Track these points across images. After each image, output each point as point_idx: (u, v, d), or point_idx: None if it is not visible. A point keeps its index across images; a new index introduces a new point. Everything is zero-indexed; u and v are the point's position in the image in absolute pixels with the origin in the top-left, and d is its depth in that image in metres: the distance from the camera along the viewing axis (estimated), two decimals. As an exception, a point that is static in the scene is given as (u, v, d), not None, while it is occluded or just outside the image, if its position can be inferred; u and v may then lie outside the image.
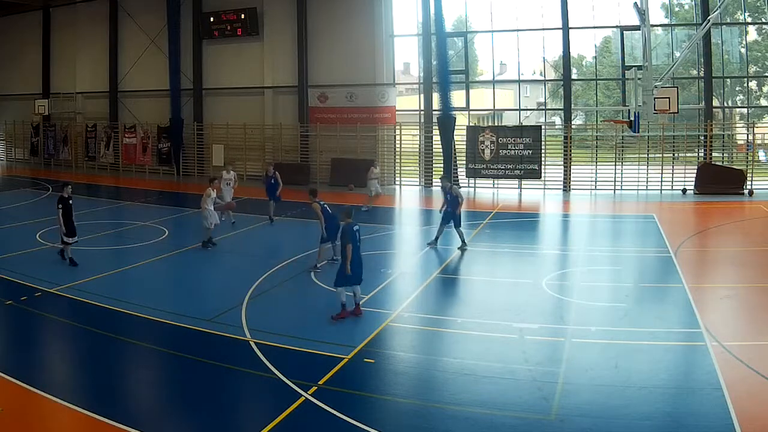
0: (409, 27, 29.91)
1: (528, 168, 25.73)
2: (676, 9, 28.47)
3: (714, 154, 25.21)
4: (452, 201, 15.45)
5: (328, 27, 28.51)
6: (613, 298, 11.62)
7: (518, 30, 27.16)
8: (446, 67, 26.67)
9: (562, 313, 10.98)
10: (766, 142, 26.27)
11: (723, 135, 26.02)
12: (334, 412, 7.24)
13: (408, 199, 25.86)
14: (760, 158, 26.32)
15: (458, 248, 15.27)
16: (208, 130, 31.32)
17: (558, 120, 30.16)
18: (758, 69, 28.56)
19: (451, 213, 15.40)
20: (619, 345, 9.34)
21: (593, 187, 25.62)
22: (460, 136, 26.71)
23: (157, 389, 8.38)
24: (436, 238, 15.75)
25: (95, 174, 32.21)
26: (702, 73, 25.44)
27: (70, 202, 13.88)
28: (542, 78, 29.42)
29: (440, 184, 18.05)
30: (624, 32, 25.57)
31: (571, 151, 26.38)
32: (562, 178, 26.15)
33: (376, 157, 27.58)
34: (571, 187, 25.84)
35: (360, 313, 10.55)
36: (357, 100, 27.95)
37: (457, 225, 15.49)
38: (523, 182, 26.19)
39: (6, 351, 9.27)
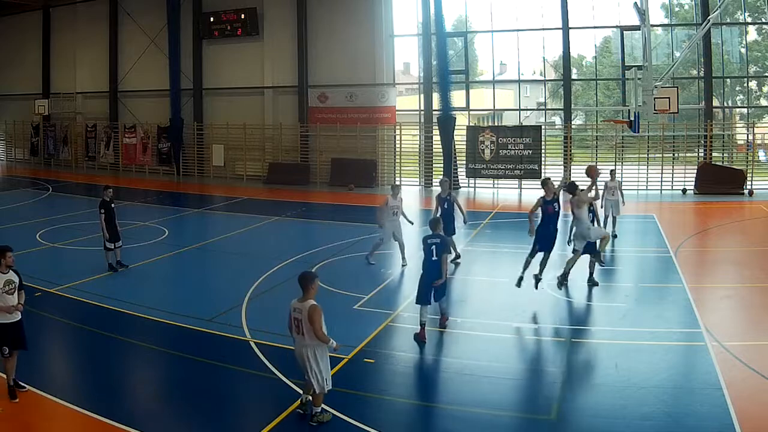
0: (409, 27, 29.97)
1: (528, 168, 25.72)
2: (676, 9, 28.47)
3: (714, 154, 25.21)
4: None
5: (328, 27, 28.52)
6: (613, 298, 11.62)
7: (518, 30, 27.16)
8: (446, 67, 26.66)
9: (562, 313, 10.98)
10: (766, 142, 26.26)
11: (723, 135, 26.02)
12: (335, 412, 7.23)
13: (408, 199, 25.77)
14: (760, 158, 26.31)
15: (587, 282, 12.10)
16: (208, 130, 31.33)
17: (558, 120, 30.15)
18: (758, 69, 28.56)
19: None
20: (619, 345, 9.34)
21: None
22: (460, 136, 26.71)
23: (157, 389, 8.38)
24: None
25: (95, 174, 32.21)
26: (702, 73, 25.44)
27: (113, 205, 13.47)
28: (542, 78, 29.41)
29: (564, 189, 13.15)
30: (624, 32, 25.54)
31: (571, 151, 26.38)
32: (562, 178, 26.12)
33: (377, 156, 27.62)
34: (571, 187, 25.81)
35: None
36: (357, 100, 27.95)
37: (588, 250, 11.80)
38: (523, 182, 26.19)
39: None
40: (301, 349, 6.98)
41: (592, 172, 11.67)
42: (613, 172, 17.08)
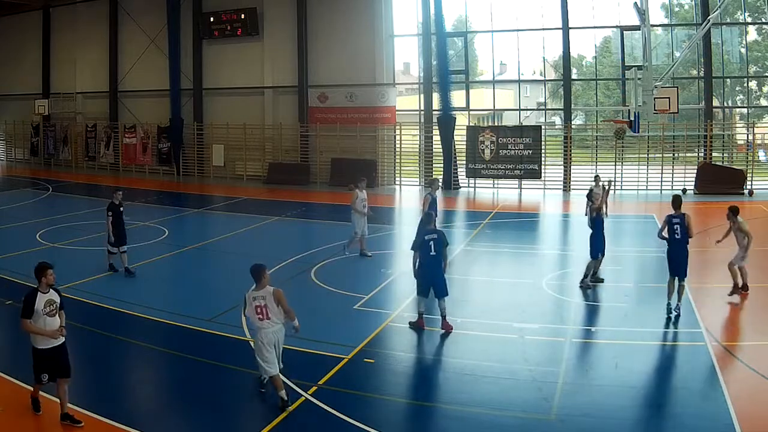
0: (409, 27, 30.02)
1: (528, 168, 25.73)
2: (676, 9, 28.48)
3: (714, 154, 25.22)
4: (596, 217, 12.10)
5: (328, 27, 28.51)
6: (613, 298, 11.62)
7: (518, 30, 27.16)
8: (446, 67, 26.67)
9: (562, 313, 10.98)
10: (766, 142, 26.27)
11: (723, 135, 26.03)
12: (334, 412, 7.24)
13: (408, 199, 25.83)
14: (760, 158, 26.32)
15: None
16: (208, 130, 31.32)
17: (558, 120, 30.16)
18: (758, 69, 28.59)
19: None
20: (619, 345, 9.33)
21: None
22: (460, 136, 26.72)
23: (157, 389, 8.39)
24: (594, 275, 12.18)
25: (95, 174, 32.22)
26: (702, 73, 25.44)
27: (121, 209, 13.27)
28: (542, 78, 29.43)
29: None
30: (624, 32, 25.56)
31: (571, 151, 26.39)
32: (562, 178, 26.15)
33: (377, 156, 27.60)
34: (571, 187, 25.83)
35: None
36: (357, 100, 27.94)
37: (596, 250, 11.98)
38: (523, 182, 26.19)
39: (6, 351, 9.26)
40: (268, 332, 7.52)
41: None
42: (597, 178, 16.73)
